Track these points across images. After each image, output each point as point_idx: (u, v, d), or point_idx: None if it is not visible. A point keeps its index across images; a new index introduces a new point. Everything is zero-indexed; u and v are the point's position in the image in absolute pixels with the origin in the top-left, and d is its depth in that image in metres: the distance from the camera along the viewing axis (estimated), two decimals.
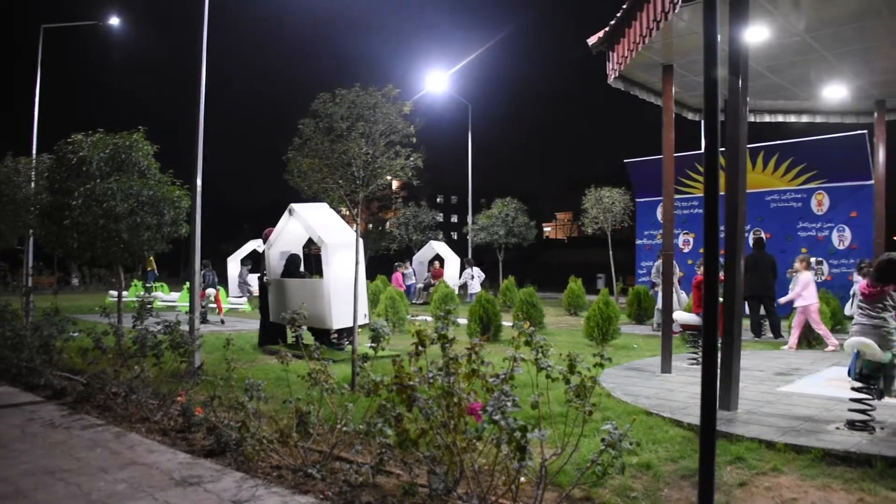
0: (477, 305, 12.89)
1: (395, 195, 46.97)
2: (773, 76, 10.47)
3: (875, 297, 5.99)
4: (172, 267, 43.70)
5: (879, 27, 8.48)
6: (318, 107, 7.91)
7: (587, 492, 4.50)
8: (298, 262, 12.09)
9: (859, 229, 17.05)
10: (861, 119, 12.98)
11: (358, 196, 7.96)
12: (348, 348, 10.70)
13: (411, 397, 4.00)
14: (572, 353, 3.90)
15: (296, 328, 5.94)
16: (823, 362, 9.83)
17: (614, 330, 12.03)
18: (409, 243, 33.11)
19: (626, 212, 24.40)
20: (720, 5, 6.12)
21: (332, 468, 5.00)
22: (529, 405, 3.89)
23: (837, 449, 5.20)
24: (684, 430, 6.03)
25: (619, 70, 9.05)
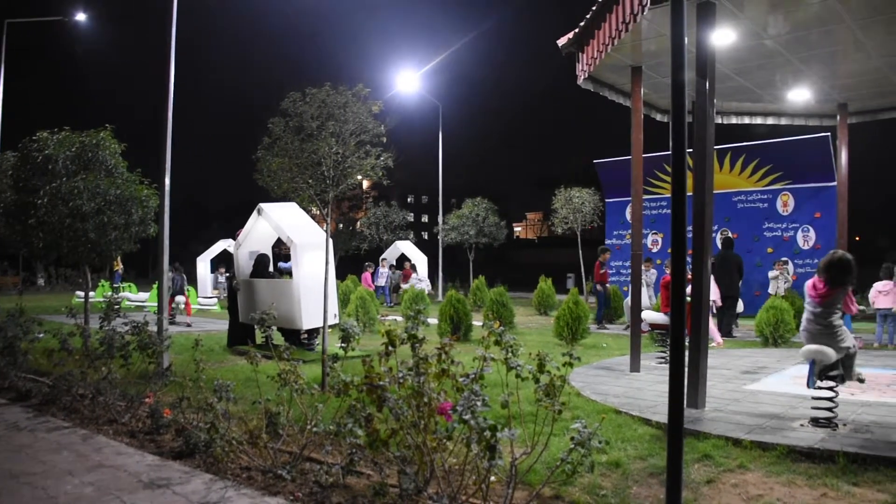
0: (447, 305, 12.91)
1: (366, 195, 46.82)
2: (740, 79, 10.61)
3: (828, 299, 5.97)
4: (141, 267, 43.20)
5: (842, 33, 8.63)
6: (288, 106, 7.87)
7: (557, 490, 4.52)
8: (267, 262, 12.02)
9: (823, 230, 17.36)
10: (825, 122, 13.20)
11: (328, 196, 7.94)
12: (318, 348, 10.67)
13: (381, 397, 4.00)
14: (542, 352, 3.91)
15: (265, 328, 5.91)
16: (789, 360, 9.99)
17: (584, 329, 12.12)
18: (380, 243, 33.06)
19: (595, 212, 24.59)
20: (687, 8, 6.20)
21: (303, 469, 4.97)
22: (499, 405, 3.90)
23: (802, 446, 5.28)
24: (653, 428, 6.09)
25: (589, 71, 9.12)
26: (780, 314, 12.17)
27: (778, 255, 18.08)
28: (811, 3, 7.70)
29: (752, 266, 18.20)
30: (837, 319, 5.96)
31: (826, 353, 5.82)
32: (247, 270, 11.89)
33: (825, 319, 5.95)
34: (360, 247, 35.04)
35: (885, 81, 10.85)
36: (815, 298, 6.00)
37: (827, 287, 5.94)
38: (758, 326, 12.43)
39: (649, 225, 20.16)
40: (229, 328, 12.31)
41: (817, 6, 7.77)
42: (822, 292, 5.95)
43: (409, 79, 29.81)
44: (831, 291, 5.93)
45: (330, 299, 8.31)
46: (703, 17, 7.01)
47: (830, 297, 5.95)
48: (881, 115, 12.64)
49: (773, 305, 12.36)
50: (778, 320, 12.13)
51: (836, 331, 5.90)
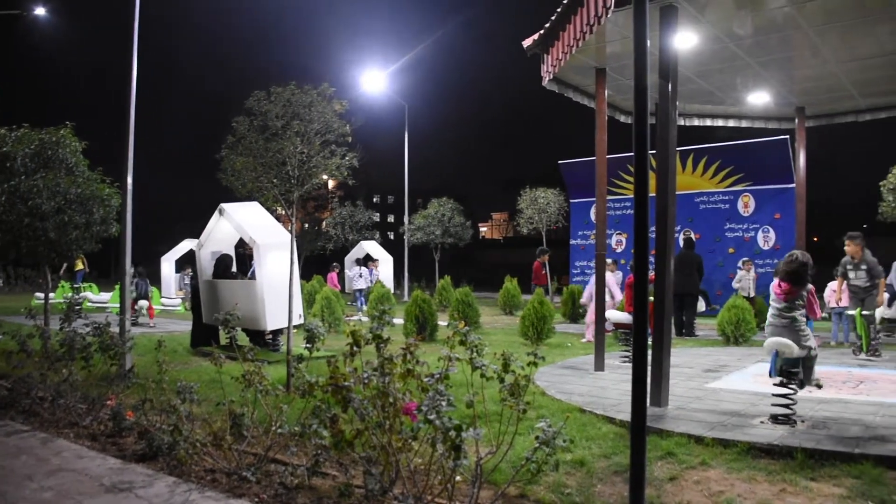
0: (413, 305, 12.91)
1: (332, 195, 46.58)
2: (702, 81, 10.76)
3: (788, 297, 6.17)
4: (103, 267, 42.51)
5: (799, 38, 8.79)
6: (253, 105, 7.82)
7: (522, 489, 4.55)
8: (230, 262, 11.91)
9: (782, 230, 17.68)
10: (783, 125, 13.43)
11: (293, 195, 7.90)
12: (283, 349, 10.61)
13: (346, 398, 3.99)
14: (507, 352, 3.94)
15: (229, 329, 5.86)
16: (750, 359, 10.15)
17: (549, 329, 12.20)
18: (346, 243, 32.94)
19: (560, 212, 24.80)
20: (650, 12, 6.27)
21: (268, 470, 4.94)
22: (464, 404, 3.92)
23: (762, 442, 5.38)
24: (617, 426, 6.15)
25: (554, 73, 9.17)
26: (742, 313, 12.37)
27: (739, 256, 18.38)
28: (770, 9, 7.83)
29: (713, 266, 18.46)
30: (801, 316, 6.15)
31: (789, 346, 5.98)
32: (209, 271, 11.77)
33: (789, 313, 6.17)
34: (325, 247, 34.88)
35: (840, 86, 11.08)
36: (780, 295, 6.23)
37: (787, 285, 6.13)
38: (719, 325, 12.61)
39: (613, 225, 20.35)
40: (193, 329, 12.18)
41: (776, 12, 7.90)
42: (785, 289, 6.18)
43: (375, 79, 29.75)
44: (792, 288, 6.15)
45: (295, 299, 8.26)
46: (666, 21, 7.10)
47: (792, 293, 6.16)
48: (837, 119, 12.90)
49: (734, 305, 12.55)
50: (739, 319, 12.32)
51: (800, 327, 6.09)
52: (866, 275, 10.23)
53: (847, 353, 10.72)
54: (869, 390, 7.67)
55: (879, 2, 7.67)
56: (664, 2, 7.06)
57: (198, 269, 12.02)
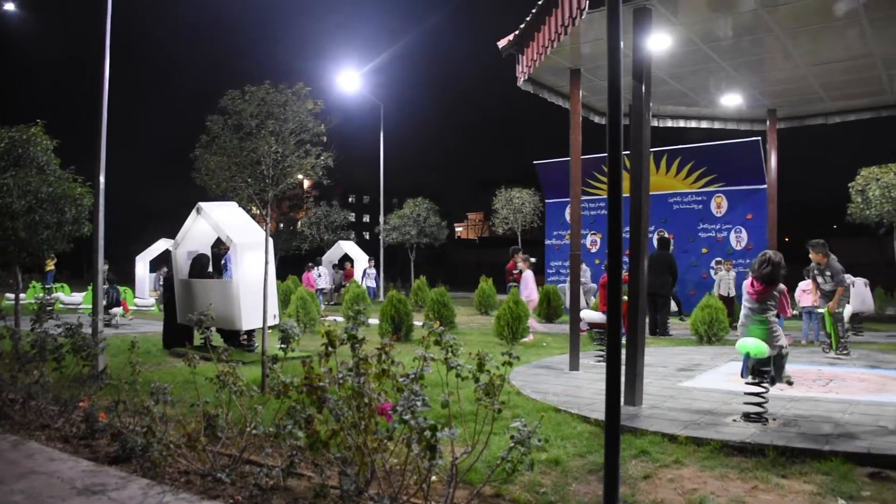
0: (388, 306, 12.91)
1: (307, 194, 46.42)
2: (675, 83, 10.86)
3: (761, 296, 6.24)
4: (75, 267, 41.96)
5: (771, 41, 8.90)
6: (227, 104, 7.77)
7: (497, 489, 4.56)
8: (206, 262, 11.83)
9: (755, 230, 17.86)
10: (755, 126, 13.60)
11: (267, 195, 7.86)
12: (258, 349, 10.55)
13: (321, 398, 3.98)
14: (481, 351, 3.95)
15: (203, 329, 5.82)
16: (723, 358, 10.26)
17: (524, 329, 12.24)
18: (321, 243, 32.82)
19: (535, 212, 24.91)
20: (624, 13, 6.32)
21: (242, 472, 4.91)
22: (440, 404, 3.92)
23: (734, 440, 5.45)
24: (591, 425, 6.19)
25: (529, 73, 9.21)
26: (715, 313, 12.49)
27: (712, 256, 18.55)
28: (742, 13, 7.92)
29: (686, 266, 18.63)
30: (773, 316, 6.22)
31: (760, 347, 6.04)
32: (185, 270, 11.68)
33: (761, 314, 6.21)
34: (300, 247, 34.71)
35: (810, 89, 11.25)
36: (752, 295, 6.29)
37: (760, 285, 6.21)
38: (693, 325, 12.73)
39: (588, 225, 20.45)
40: (164, 329, 12.08)
41: (747, 15, 8.00)
42: (759, 289, 6.23)
43: (350, 78, 29.69)
44: (765, 289, 6.20)
45: (270, 300, 8.22)
46: (640, 23, 7.16)
47: (765, 293, 6.22)
48: (807, 121, 13.10)
49: (707, 304, 12.67)
50: (712, 319, 12.45)
51: (772, 327, 6.16)
52: (830, 280, 10.42)
53: (817, 352, 10.87)
54: (838, 388, 7.79)
55: (847, 7, 7.79)
56: (638, 4, 7.11)
57: (173, 268, 11.93)
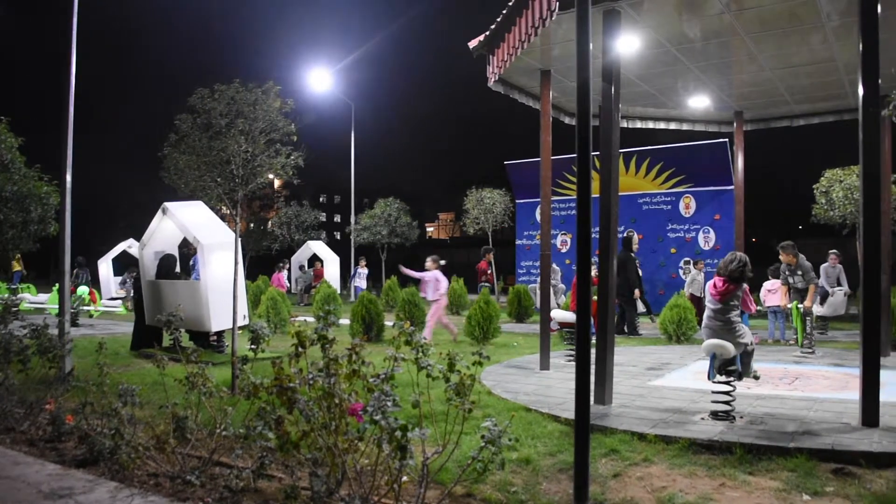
0: (359, 306, 12.88)
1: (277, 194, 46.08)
2: (644, 85, 10.96)
3: (726, 296, 6.32)
4: (41, 267, 41.25)
5: (737, 44, 9.03)
6: (196, 102, 7.70)
7: (469, 488, 4.58)
8: (173, 262, 11.71)
9: (722, 231, 18.09)
10: (723, 128, 13.77)
11: (237, 195, 7.80)
12: (228, 350, 10.48)
13: (292, 399, 3.96)
14: (452, 351, 3.96)
15: (172, 331, 5.76)
16: (691, 356, 10.37)
17: (495, 329, 12.28)
18: (291, 243, 32.64)
19: (506, 212, 25.00)
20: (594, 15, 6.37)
21: (212, 474, 4.88)
22: (410, 404, 3.93)
23: (702, 438, 5.52)
24: (562, 424, 6.23)
25: (499, 74, 9.25)
26: (684, 312, 12.63)
27: (681, 256, 18.76)
28: (709, 16, 8.02)
29: (655, 266, 18.83)
30: (736, 316, 6.30)
31: (726, 348, 6.13)
32: (152, 271, 11.56)
33: (724, 315, 6.29)
34: (271, 247, 34.50)
35: (776, 92, 11.42)
36: (716, 296, 6.35)
37: (725, 285, 6.28)
38: (662, 324, 12.87)
39: (559, 226, 20.55)
40: (134, 330, 11.94)
41: (714, 19, 8.10)
42: (721, 290, 6.31)
43: (321, 78, 29.55)
44: (729, 289, 6.26)
45: (239, 300, 8.17)
46: (609, 25, 7.22)
47: (729, 294, 6.28)
48: (773, 124, 13.30)
49: (676, 304, 12.81)
50: (681, 318, 12.58)
51: (735, 327, 6.23)
52: (801, 280, 10.65)
53: (783, 351, 11.04)
54: (804, 386, 7.92)
55: (810, 13, 7.93)
56: (607, 6, 7.16)
57: (140, 269, 11.79)
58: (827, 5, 7.70)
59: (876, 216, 6.17)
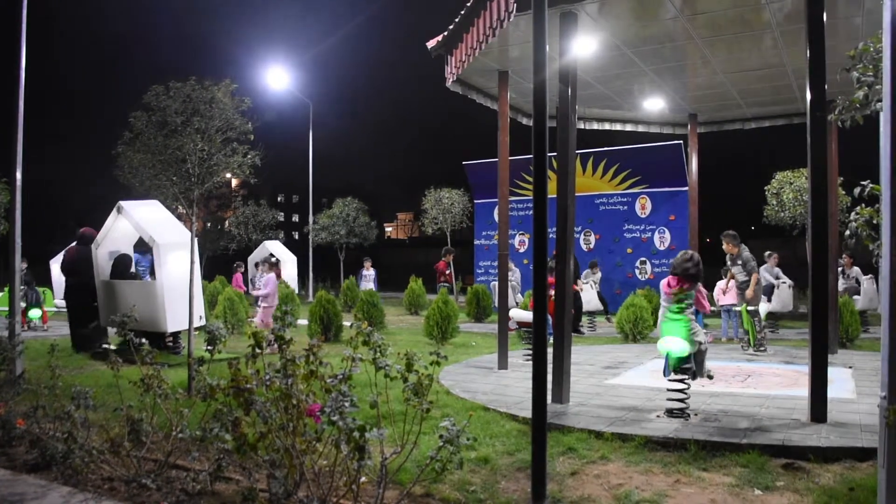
0: (317, 306, 12.81)
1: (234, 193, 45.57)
2: (601, 86, 11.08)
3: (678, 295, 6.43)
4: None
5: (691, 48, 9.19)
6: (151, 100, 7.60)
7: (427, 488, 4.59)
8: (129, 262, 11.53)
9: (677, 231, 18.35)
10: (677, 130, 14.00)
11: (193, 194, 7.71)
12: (184, 351, 10.35)
13: (249, 400, 3.93)
14: (410, 351, 3.97)
15: (126, 332, 5.68)
16: (647, 355, 10.51)
17: (453, 328, 12.32)
18: (249, 243, 32.31)
19: (464, 212, 25.06)
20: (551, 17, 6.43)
21: (168, 477, 4.82)
22: (368, 405, 3.93)
23: (658, 436, 5.61)
24: (520, 423, 6.27)
25: (458, 74, 9.29)
26: (639, 311, 12.80)
27: (637, 256, 19.02)
28: (663, 20, 8.15)
29: (612, 265, 19.03)
30: (690, 314, 6.40)
31: (680, 345, 6.22)
32: (107, 271, 11.36)
33: (679, 313, 6.38)
34: (228, 246, 34.09)
35: (728, 95, 11.66)
36: (669, 294, 6.44)
37: (679, 283, 6.39)
38: (618, 323, 13.02)
39: (517, 226, 20.66)
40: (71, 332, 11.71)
41: (669, 23, 8.23)
42: (675, 289, 6.40)
43: (279, 76, 29.29)
44: (682, 287, 6.37)
45: (196, 301, 8.07)
46: (566, 27, 7.28)
47: (682, 292, 6.38)
48: (726, 126, 13.59)
49: (632, 303, 12.97)
50: (637, 317, 12.75)
51: (689, 324, 6.33)
52: (741, 269, 10.85)
53: (736, 349, 11.24)
54: (756, 384, 8.09)
55: (760, 19, 8.10)
56: (564, 8, 7.22)
57: (94, 269, 11.57)
58: (776, 12, 7.88)
59: (824, 217, 6.33)
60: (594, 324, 14.84)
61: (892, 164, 3.38)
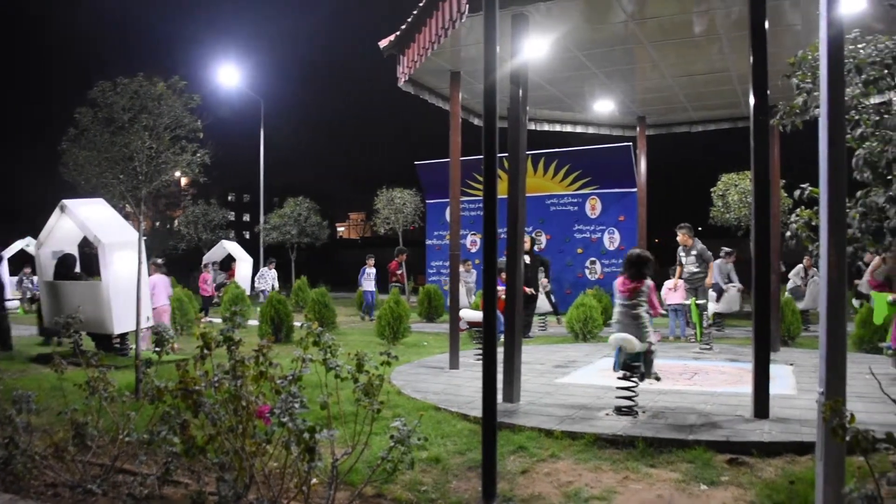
0: (268, 307, 12.70)
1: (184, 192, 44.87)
2: (552, 88, 11.18)
3: (631, 293, 6.56)
4: None
5: (640, 52, 9.33)
6: (97, 95, 7.44)
7: (379, 488, 4.59)
8: (73, 262, 11.28)
9: (627, 232, 18.61)
10: (626, 132, 14.19)
11: (141, 192, 7.59)
12: (132, 353, 10.17)
13: (197, 402, 3.89)
14: (360, 352, 3.97)
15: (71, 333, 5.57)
16: (597, 354, 10.64)
17: (405, 328, 12.32)
18: (199, 242, 31.87)
19: (416, 212, 25.12)
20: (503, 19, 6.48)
21: (115, 481, 4.73)
22: (319, 406, 3.92)
23: (607, 433, 5.68)
24: (471, 423, 6.29)
25: (409, 74, 9.29)
26: (589, 311, 12.95)
27: (587, 256, 19.24)
28: (614, 24, 8.26)
29: (563, 265, 19.22)
30: (643, 313, 6.52)
31: (632, 342, 6.33)
32: (50, 271, 11.10)
33: (632, 311, 6.51)
34: (177, 246, 33.58)
35: (676, 99, 11.88)
36: (623, 293, 6.58)
37: (631, 282, 6.51)
38: (569, 323, 13.16)
39: (468, 226, 20.70)
40: None
41: (618, 26, 8.35)
42: (629, 286, 6.53)
43: (230, 74, 28.97)
44: (634, 285, 6.50)
45: (143, 301, 7.94)
46: (518, 28, 7.34)
47: (635, 290, 6.51)
48: (674, 129, 13.83)
49: (582, 303, 13.11)
50: (587, 317, 12.89)
51: (642, 322, 6.46)
52: (696, 260, 11.07)
53: (683, 347, 11.47)
54: (702, 381, 8.26)
55: (707, 25, 8.27)
56: (515, 10, 7.27)
57: (37, 269, 11.30)
58: (722, 19, 8.06)
59: (766, 219, 6.50)
60: (545, 324, 14.97)
61: (830, 168, 3.49)
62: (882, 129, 5.78)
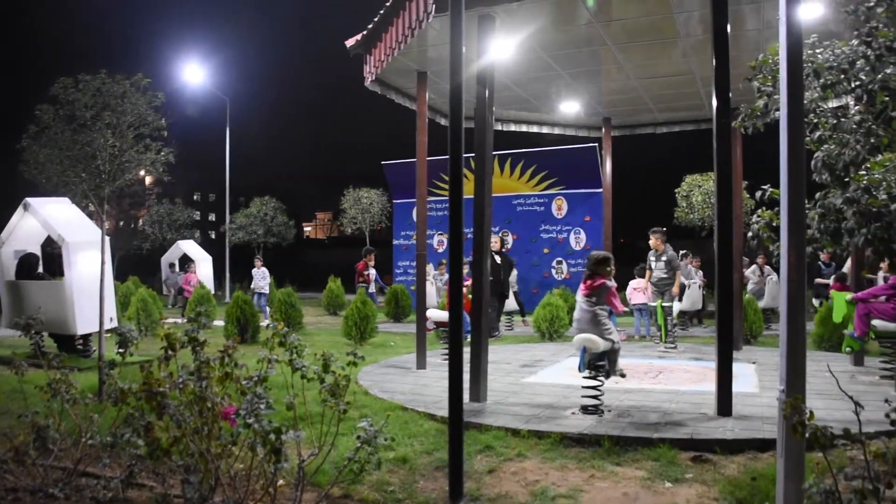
0: (234, 307, 12.60)
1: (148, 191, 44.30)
2: (518, 89, 11.24)
3: (592, 292, 6.61)
4: None
5: (606, 54, 9.43)
6: (59, 92, 7.34)
7: (346, 489, 4.59)
8: (35, 261, 11.09)
9: (592, 232, 18.76)
10: (592, 133, 14.30)
11: (104, 191, 7.49)
12: (95, 354, 10.03)
13: (161, 404, 3.85)
14: (327, 352, 3.96)
15: (32, 335, 5.47)
16: (563, 354, 10.71)
17: (372, 328, 12.30)
18: (163, 242, 31.46)
19: (383, 212, 25.10)
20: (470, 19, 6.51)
21: (78, 485, 4.66)
22: (285, 406, 3.90)
23: (573, 432, 5.74)
24: (438, 422, 6.31)
25: (376, 73, 9.28)
26: (556, 311, 13.03)
27: (553, 256, 19.36)
28: (579, 25, 8.33)
29: (529, 265, 19.32)
30: (602, 310, 6.57)
31: (595, 342, 6.39)
32: (11, 271, 10.91)
33: (592, 310, 6.56)
34: (141, 246, 33.11)
35: (640, 101, 12.01)
36: (585, 292, 6.63)
37: (591, 282, 6.57)
38: (535, 322, 13.23)
39: (435, 226, 20.70)
40: None
41: (584, 28, 8.42)
42: (589, 285, 6.58)
43: (195, 72, 28.64)
44: (595, 284, 6.55)
45: (107, 301, 7.83)
46: (484, 29, 7.37)
47: (596, 289, 6.57)
48: (638, 130, 13.98)
49: (549, 303, 13.18)
50: (553, 316, 12.98)
51: (603, 321, 6.52)
52: (665, 266, 11.20)
53: (649, 346, 11.60)
54: (667, 380, 8.36)
55: (670, 28, 8.38)
56: (482, 11, 7.29)
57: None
58: (685, 22, 8.16)
59: (729, 219, 6.60)
60: (511, 323, 15.04)
61: (790, 169, 3.57)
62: (839, 132, 5.92)
